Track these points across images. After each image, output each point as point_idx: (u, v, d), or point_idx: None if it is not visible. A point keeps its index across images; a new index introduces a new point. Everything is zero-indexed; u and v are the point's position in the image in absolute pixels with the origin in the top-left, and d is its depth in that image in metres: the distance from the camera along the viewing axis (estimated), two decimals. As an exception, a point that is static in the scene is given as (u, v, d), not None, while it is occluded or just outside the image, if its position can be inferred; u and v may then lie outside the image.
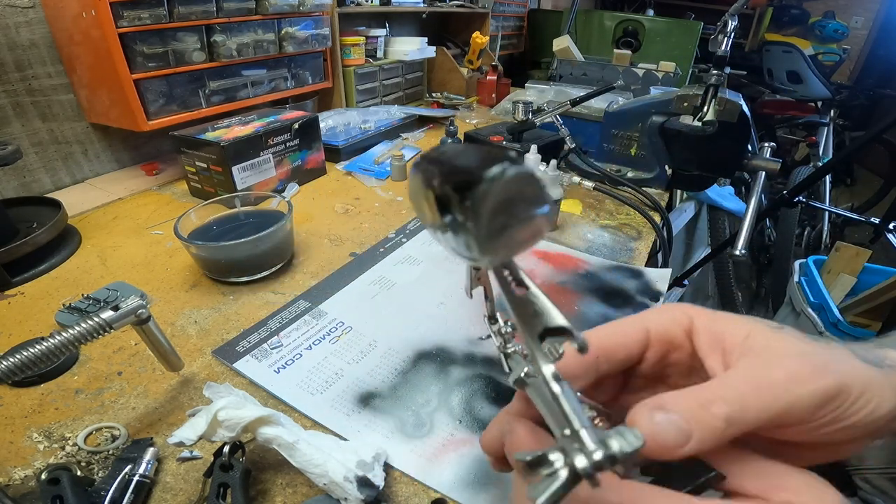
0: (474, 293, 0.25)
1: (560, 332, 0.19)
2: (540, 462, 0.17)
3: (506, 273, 0.21)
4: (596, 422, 0.22)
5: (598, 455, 0.16)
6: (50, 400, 0.42)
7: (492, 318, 0.26)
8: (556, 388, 0.19)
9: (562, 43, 1.62)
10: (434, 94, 1.47)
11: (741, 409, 0.20)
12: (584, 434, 0.16)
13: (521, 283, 0.21)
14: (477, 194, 0.16)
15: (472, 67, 1.51)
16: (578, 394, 0.21)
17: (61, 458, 0.37)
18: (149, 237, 0.69)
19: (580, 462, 0.16)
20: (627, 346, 0.25)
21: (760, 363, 0.21)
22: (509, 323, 0.25)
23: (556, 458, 0.16)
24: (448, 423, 0.40)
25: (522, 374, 0.22)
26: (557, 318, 0.19)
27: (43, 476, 0.32)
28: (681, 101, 0.80)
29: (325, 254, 0.65)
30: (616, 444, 0.16)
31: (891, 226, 1.45)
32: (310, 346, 0.48)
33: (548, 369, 0.19)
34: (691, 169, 0.85)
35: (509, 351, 0.24)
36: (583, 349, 0.19)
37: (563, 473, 0.16)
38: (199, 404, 0.40)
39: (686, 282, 1.34)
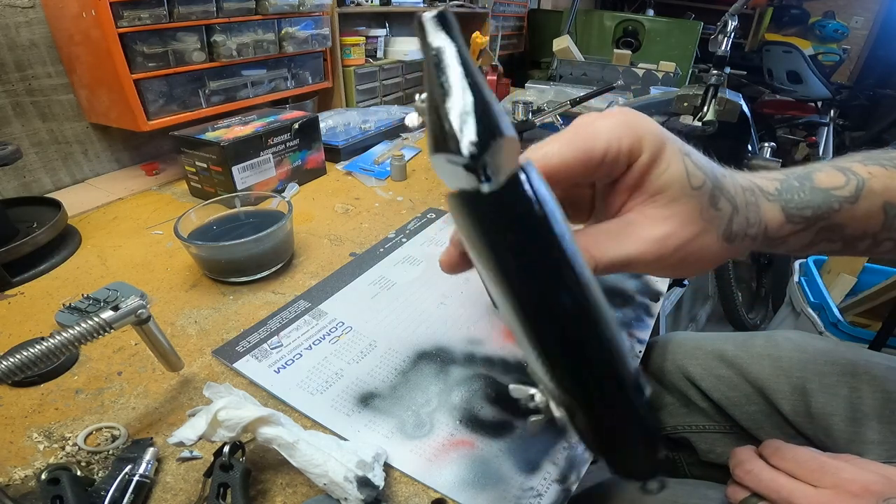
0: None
1: None
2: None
3: None
4: None
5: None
6: (50, 400, 0.42)
7: None
8: None
9: (562, 43, 1.62)
10: (434, 94, 1.47)
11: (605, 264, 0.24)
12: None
13: None
14: None
15: (472, 67, 1.51)
16: None
17: (61, 458, 0.37)
18: (149, 237, 0.69)
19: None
20: (582, 175, 0.24)
21: (635, 227, 0.24)
22: None
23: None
24: (448, 423, 0.40)
25: None
26: None
27: (43, 476, 0.32)
28: (681, 101, 0.80)
29: (325, 254, 0.65)
30: None
31: None
32: (310, 346, 0.48)
33: None
34: (691, 169, 0.85)
35: None
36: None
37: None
38: (199, 404, 0.40)
39: (686, 282, 1.34)
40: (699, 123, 0.78)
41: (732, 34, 0.78)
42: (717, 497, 0.37)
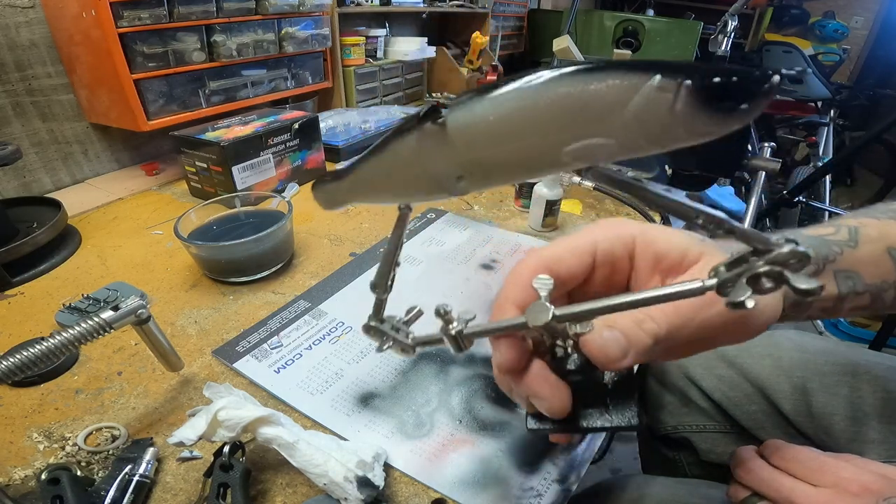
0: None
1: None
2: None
3: None
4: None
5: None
6: (50, 400, 0.42)
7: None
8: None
9: (562, 43, 1.62)
10: (434, 94, 1.47)
11: (667, 328, 0.23)
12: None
13: None
14: None
15: (472, 67, 1.51)
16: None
17: (61, 458, 0.37)
18: (149, 237, 0.69)
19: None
20: (576, 274, 0.27)
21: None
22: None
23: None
24: (448, 423, 0.40)
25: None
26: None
27: (43, 476, 0.32)
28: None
29: (325, 254, 0.65)
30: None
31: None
32: (310, 346, 0.48)
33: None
34: (691, 169, 0.85)
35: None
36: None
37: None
38: (199, 404, 0.40)
39: (686, 282, 1.34)
40: (699, 123, 0.78)
41: (732, 34, 0.78)
42: (717, 496, 0.37)
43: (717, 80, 0.13)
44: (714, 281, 0.18)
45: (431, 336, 0.26)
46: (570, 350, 0.25)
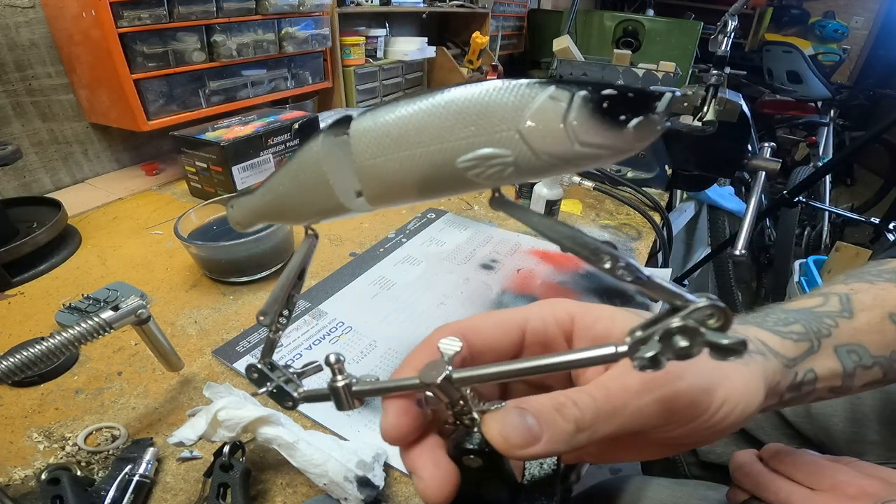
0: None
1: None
2: None
3: None
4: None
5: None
6: (50, 400, 0.42)
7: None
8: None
9: (562, 43, 1.62)
10: (434, 94, 1.47)
11: (592, 416, 0.19)
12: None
13: None
14: None
15: (472, 67, 1.51)
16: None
17: (61, 458, 0.37)
18: (149, 237, 0.69)
19: None
20: (497, 347, 0.23)
21: (621, 368, 0.20)
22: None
23: None
24: (448, 423, 0.40)
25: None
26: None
27: (43, 476, 0.32)
28: (681, 101, 0.80)
29: (325, 254, 0.65)
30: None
31: (891, 226, 1.45)
32: (310, 346, 0.48)
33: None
34: (691, 169, 0.85)
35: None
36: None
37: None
38: (199, 404, 0.40)
39: (686, 282, 1.34)
40: (699, 123, 0.78)
41: (732, 34, 0.78)
42: (717, 498, 0.37)
43: (608, 92, 0.13)
44: (625, 347, 0.16)
45: (319, 391, 0.23)
46: (475, 429, 0.20)
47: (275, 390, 0.24)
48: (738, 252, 0.74)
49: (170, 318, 0.53)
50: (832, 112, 2.41)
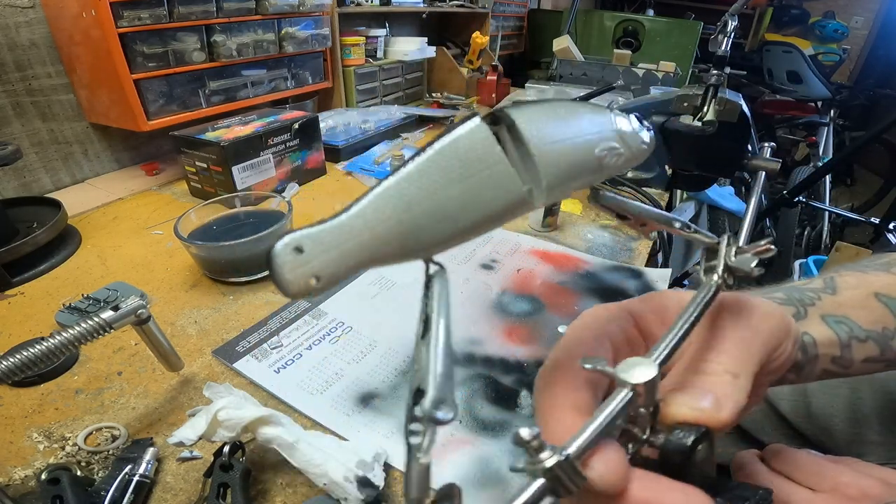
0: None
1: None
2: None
3: None
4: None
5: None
6: (50, 400, 0.42)
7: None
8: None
9: (562, 43, 1.62)
10: (434, 94, 1.47)
11: (736, 361, 0.20)
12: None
13: None
14: None
15: (472, 67, 1.51)
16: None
17: (61, 458, 0.37)
18: (149, 237, 0.69)
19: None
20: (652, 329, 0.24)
21: (741, 319, 0.22)
22: None
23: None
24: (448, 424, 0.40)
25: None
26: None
27: (43, 476, 0.32)
28: (681, 101, 0.80)
29: (325, 254, 0.65)
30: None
31: (891, 226, 1.45)
32: (310, 346, 0.48)
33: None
34: (691, 169, 0.85)
35: None
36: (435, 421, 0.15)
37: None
38: (199, 404, 0.40)
39: (686, 282, 1.34)
40: (699, 123, 0.78)
41: (732, 34, 0.78)
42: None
43: (637, 114, 0.20)
44: (716, 278, 0.21)
45: (529, 493, 0.16)
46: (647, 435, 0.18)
47: None
48: (738, 252, 0.74)
49: (170, 318, 0.53)
50: (832, 112, 2.41)
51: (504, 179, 0.16)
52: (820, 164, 2.08)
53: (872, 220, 1.54)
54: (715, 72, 0.75)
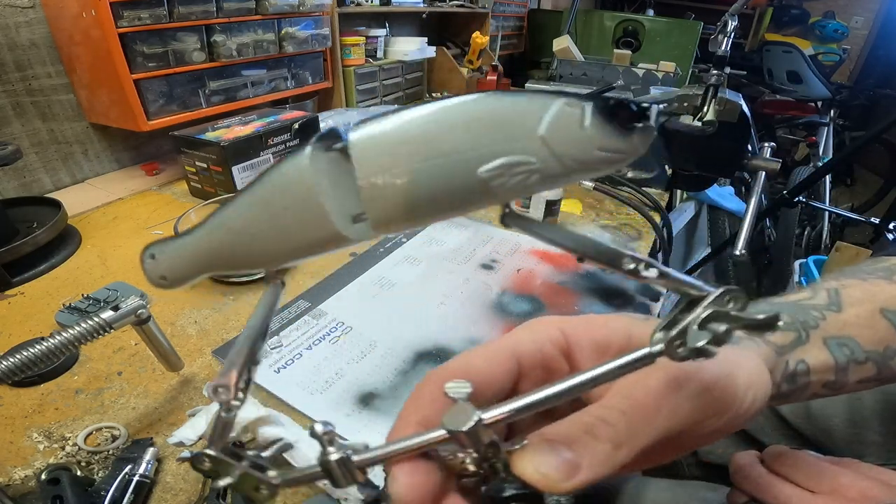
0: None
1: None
2: None
3: None
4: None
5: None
6: (50, 400, 0.42)
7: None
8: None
9: (562, 43, 1.62)
10: (434, 94, 1.47)
11: (627, 429, 0.18)
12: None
13: None
14: None
15: (472, 67, 1.51)
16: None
17: (61, 458, 0.37)
18: (149, 237, 0.69)
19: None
20: (494, 382, 0.21)
21: (633, 377, 0.19)
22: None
23: None
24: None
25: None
26: None
27: (43, 476, 0.32)
28: (681, 101, 0.80)
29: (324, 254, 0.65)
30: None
31: (891, 226, 1.45)
32: (310, 346, 0.48)
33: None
34: (691, 169, 0.85)
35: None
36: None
37: None
38: (199, 404, 0.40)
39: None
40: (699, 123, 0.78)
41: (732, 34, 0.78)
42: (716, 499, 0.37)
43: (615, 101, 0.14)
44: (660, 346, 0.16)
45: (306, 470, 0.19)
46: (503, 474, 0.18)
47: (238, 481, 0.18)
48: (738, 252, 0.74)
49: (170, 318, 0.53)
50: (832, 112, 2.41)
51: (313, 215, 0.15)
52: (820, 164, 2.08)
53: (872, 220, 1.54)
54: (715, 72, 0.75)
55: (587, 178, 0.15)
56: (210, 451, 0.18)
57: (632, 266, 0.15)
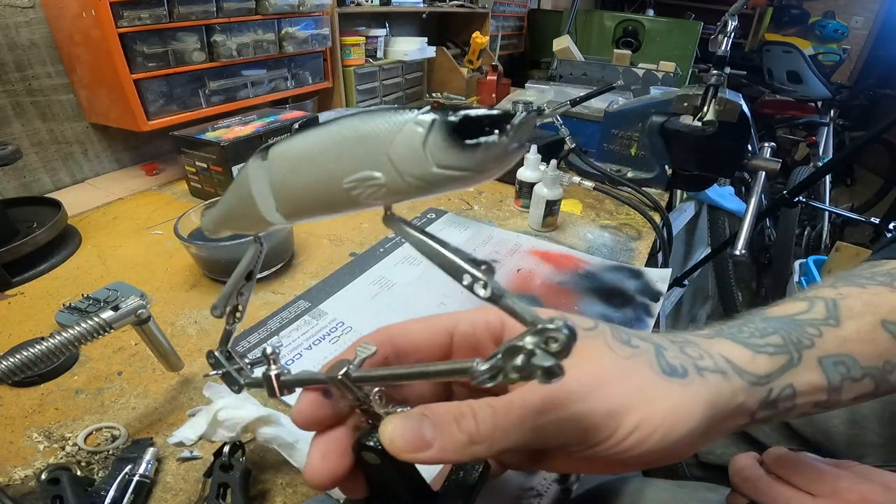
0: None
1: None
2: None
3: None
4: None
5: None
6: (50, 400, 0.42)
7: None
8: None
9: (562, 43, 1.62)
10: (434, 94, 1.47)
11: (488, 430, 0.20)
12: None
13: None
14: None
15: (472, 67, 1.51)
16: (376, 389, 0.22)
17: (61, 458, 0.37)
18: (149, 237, 0.69)
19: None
20: (423, 349, 0.24)
21: (533, 384, 0.20)
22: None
23: None
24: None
25: None
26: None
27: (43, 476, 0.32)
28: (681, 101, 0.80)
29: (324, 254, 0.65)
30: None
31: (891, 226, 1.44)
32: (310, 346, 0.48)
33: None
34: (691, 169, 0.85)
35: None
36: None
37: None
38: (199, 404, 0.40)
39: (686, 282, 1.34)
40: (699, 123, 0.78)
41: (732, 34, 0.78)
42: (716, 500, 0.37)
43: (459, 116, 0.14)
44: (481, 364, 0.16)
45: (258, 379, 0.25)
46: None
47: (223, 375, 0.27)
48: (738, 252, 0.74)
49: (170, 318, 0.53)
50: (832, 112, 2.41)
51: (249, 202, 0.21)
52: (820, 164, 2.08)
53: (872, 220, 1.54)
54: (715, 72, 0.75)
55: (438, 194, 0.16)
56: (215, 353, 0.27)
57: (468, 282, 0.16)
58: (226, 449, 0.34)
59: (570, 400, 0.20)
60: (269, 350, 0.24)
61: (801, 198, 1.37)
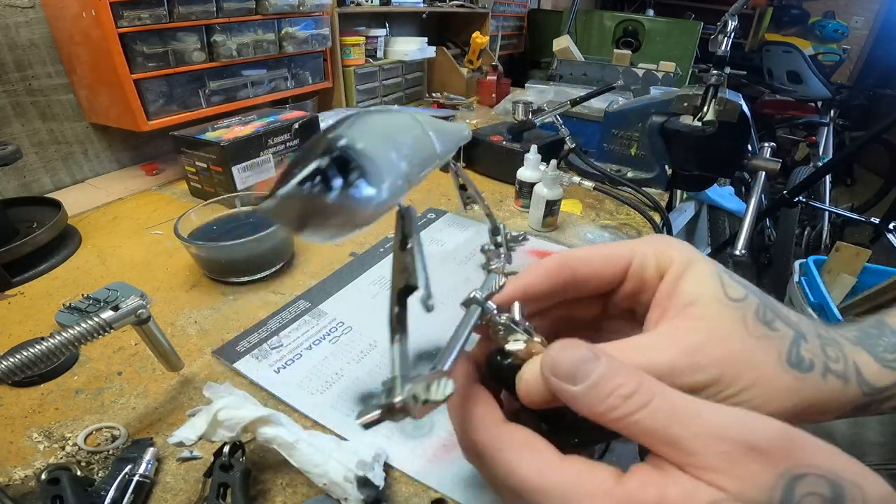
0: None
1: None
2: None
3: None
4: (526, 343, 0.25)
5: (400, 397, 0.21)
6: (50, 400, 0.42)
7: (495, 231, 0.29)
8: (395, 347, 0.24)
9: (562, 43, 1.62)
10: (434, 94, 1.47)
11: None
12: (398, 381, 0.22)
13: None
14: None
15: (472, 67, 1.51)
16: (518, 315, 0.26)
17: (61, 458, 0.37)
18: (149, 237, 0.69)
19: (394, 398, 0.21)
20: (600, 277, 0.26)
21: (664, 337, 0.22)
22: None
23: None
24: (448, 423, 0.40)
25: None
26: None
27: (43, 476, 0.32)
28: (681, 101, 0.80)
29: (324, 254, 0.65)
30: (422, 393, 0.21)
31: (891, 226, 1.45)
32: (310, 346, 0.48)
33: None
34: (691, 169, 0.85)
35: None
36: (428, 309, 0.25)
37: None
38: (199, 404, 0.40)
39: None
40: (699, 123, 0.78)
41: (732, 34, 0.78)
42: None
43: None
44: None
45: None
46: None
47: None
48: (738, 252, 0.74)
49: (170, 318, 0.53)
50: (832, 112, 2.41)
51: (430, 141, 0.28)
52: (820, 164, 2.08)
53: (872, 220, 1.54)
54: (715, 72, 0.75)
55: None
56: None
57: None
58: (226, 449, 0.34)
59: (691, 371, 0.21)
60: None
61: (801, 198, 1.37)
